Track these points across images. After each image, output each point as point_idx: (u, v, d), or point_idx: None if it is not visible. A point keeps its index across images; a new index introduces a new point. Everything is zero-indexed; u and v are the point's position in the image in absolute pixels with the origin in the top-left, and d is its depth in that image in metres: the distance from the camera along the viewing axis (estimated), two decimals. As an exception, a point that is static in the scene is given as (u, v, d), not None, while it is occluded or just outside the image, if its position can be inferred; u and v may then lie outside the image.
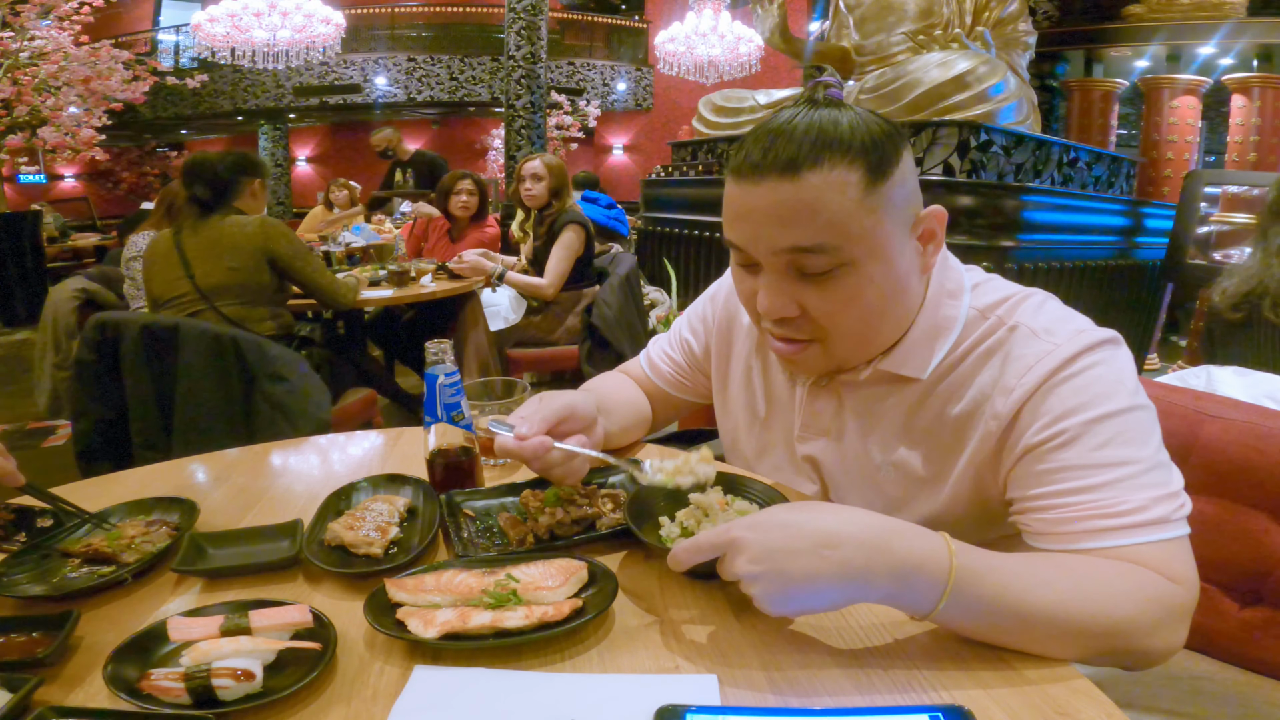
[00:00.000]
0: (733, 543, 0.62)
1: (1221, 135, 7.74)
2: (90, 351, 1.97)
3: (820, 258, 0.72)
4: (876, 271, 0.73)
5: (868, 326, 0.77)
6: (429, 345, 0.90)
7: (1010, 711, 0.55)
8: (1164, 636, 0.64)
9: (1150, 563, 0.65)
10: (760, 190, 0.71)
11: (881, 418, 0.84)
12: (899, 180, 0.73)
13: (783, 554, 0.60)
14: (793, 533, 0.61)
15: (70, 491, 0.95)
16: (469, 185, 3.61)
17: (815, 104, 0.75)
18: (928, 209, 0.78)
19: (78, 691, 0.58)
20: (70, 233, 8.53)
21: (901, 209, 0.74)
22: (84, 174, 15.41)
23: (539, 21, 7.63)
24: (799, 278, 0.74)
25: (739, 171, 0.73)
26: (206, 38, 7.81)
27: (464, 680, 0.60)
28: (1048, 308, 0.79)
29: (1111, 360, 0.73)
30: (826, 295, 0.74)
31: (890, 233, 0.73)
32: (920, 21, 4.01)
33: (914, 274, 0.78)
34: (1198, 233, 3.92)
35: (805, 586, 0.59)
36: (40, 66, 6.70)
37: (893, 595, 0.61)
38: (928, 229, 0.78)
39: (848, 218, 0.70)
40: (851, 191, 0.70)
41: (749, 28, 9.18)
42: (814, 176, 0.70)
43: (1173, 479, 0.70)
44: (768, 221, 0.72)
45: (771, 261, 0.74)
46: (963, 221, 3.34)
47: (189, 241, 2.21)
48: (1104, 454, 0.69)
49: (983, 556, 0.63)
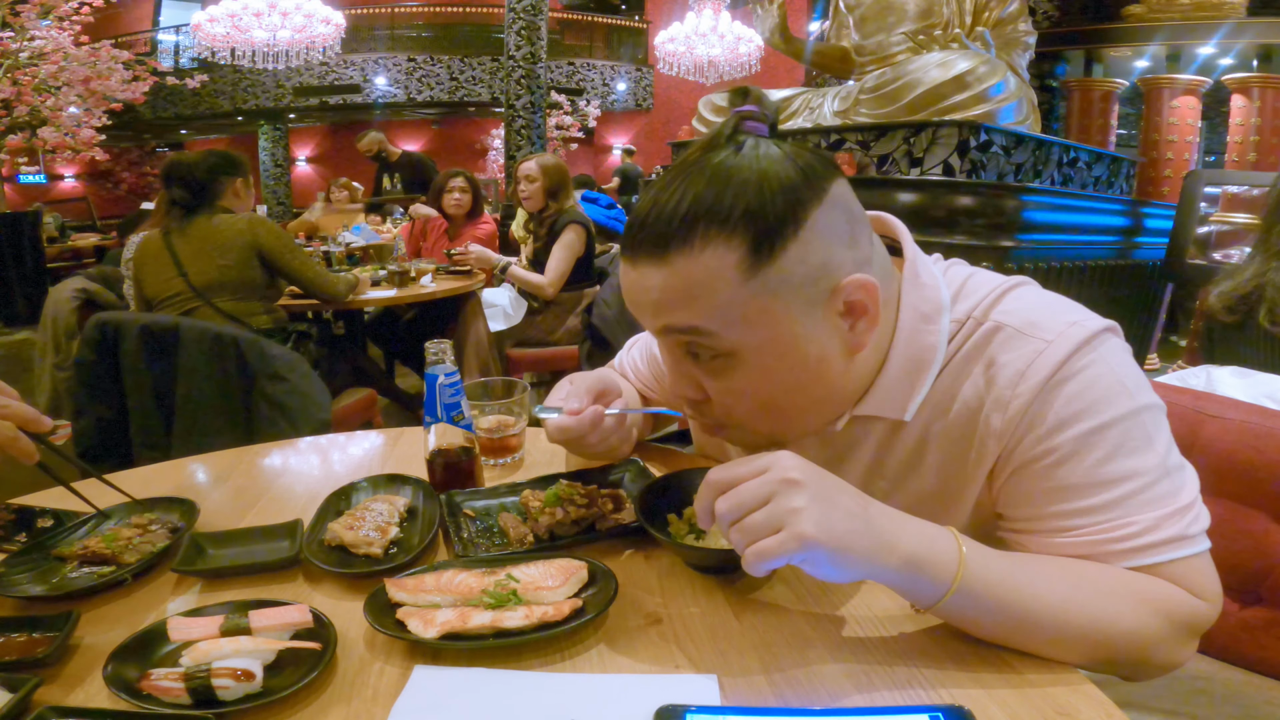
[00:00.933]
0: (783, 469, 0.57)
1: (1221, 135, 7.75)
2: (90, 351, 1.97)
3: (700, 338, 0.65)
4: (770, 363, 0.65)
5: (777, 416, 0.70)
6: (429, 345, 0.90)
7: (1010, 711, 0.55)
8: (1170, 650, 0.62)
9: (1169, 579, 0.63)
10: (635, 273, 0.66)
11: (869, 459, 0.77)
12: (799, 254, 0.62)
13: (834, 492, 0.58)
14: (837, 483, 0.59)
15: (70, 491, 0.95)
16: (460, 183, 3.63)
17: (726, 143, 0.65)
18: (849, 279, 0.65)
19: (78, 691, 0.58)
20: (70, 233, 8.53)
21: (803, 287, 0.63)
22: (84, 174, 15.42)
23: (539, 21, 7.63)
24: (693, 360, 0.68)
25: (621, 248, 0.68)
26: (206, 38, 7.81)
27: (464, 680, 0.60)
28: (1026, 298, 0.71)
29: (1109, 356, 0.66)
30: (719, 384, 0.68)
31: (787, 318, 0.64)
32: (920, 21, 4.01)
33: (835, 357, 0.67)
34: (1198, 233, 3.92)
35: (845, 532, 0.56)
36: (40, 66, 6.71)
37: (901, 580, 0.59)
38: (853, 301, 0.65)
39: (724, 305, 0.62)
40: (729, 274, 0.62)
41: (749, 28, 9.18)
42: (681, 260, 0.62)
43: (1184, 487, 0.65)
44: (643, 305, 0.67)
45: (661, 343, 0.70)
46: (963, 221, 3.34)
47: (179, 242, 2.23)
48: (1106, 470, 0.63)
49: (991, 553, 0.62)
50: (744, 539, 0.57)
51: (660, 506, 0.80)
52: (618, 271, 3.19)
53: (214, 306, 2.22)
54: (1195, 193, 3.92)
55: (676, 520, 0.79)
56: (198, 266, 2.21)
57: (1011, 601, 0.60)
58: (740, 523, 0.57)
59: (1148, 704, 0.92)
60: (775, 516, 0.56)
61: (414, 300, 3.09)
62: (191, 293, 2.21)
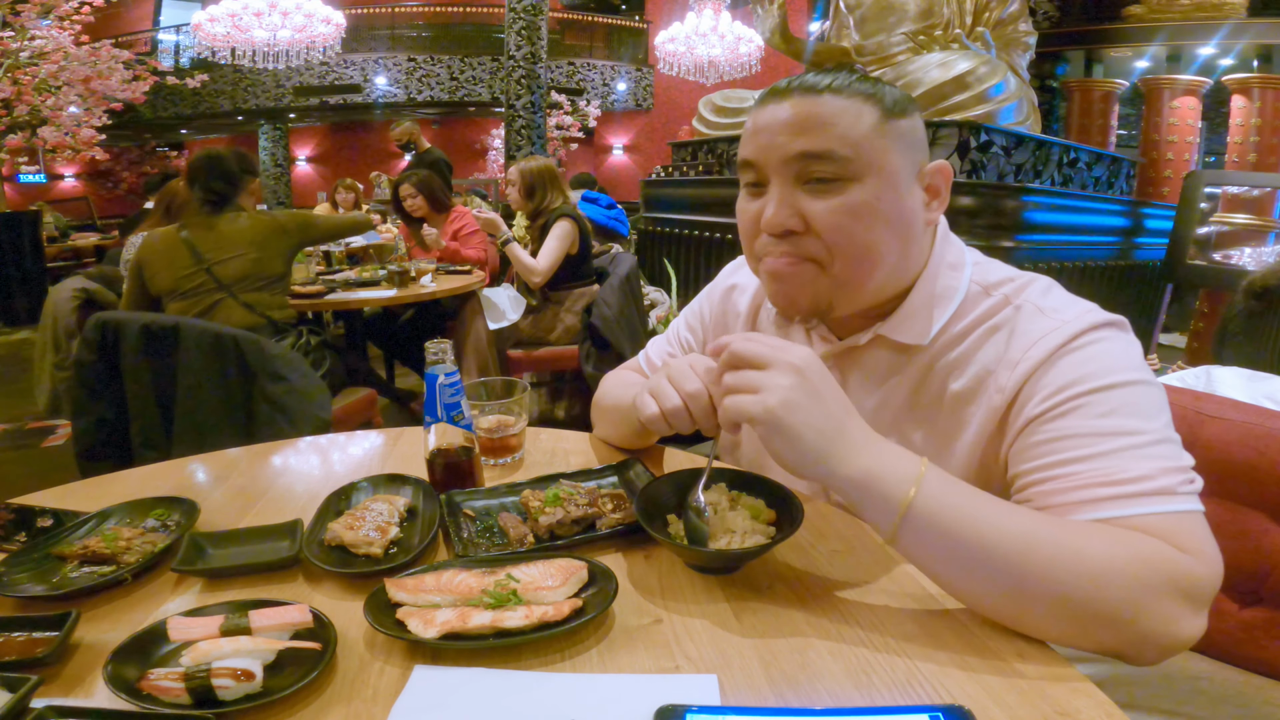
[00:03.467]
0: (793, 355, 0.67)
1: (1221, 135, 7.73)
2: (90, 351, 1.97)
3: (828, 164, 0.75)
4: (880, 194, 0.76)
5: (867, 253, 0.77)
6: (429, 345, 0.90)
7: (1010, 711, 0.55)
8: (1159, 612, 0.58)
9: (1156, 534, 0.61)
10: (783, 105, 0.77)
11: (883, 392, 0.85)
12: (910, 129, 0.78)
13: (822, 391, 0.66)
14: (835, 391, 0.67)
15: (70, 491, 0.95)
16: (407, 189, 3.66)
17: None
18: (934, 164, 0.81)
19: (78, 691, 0.58)
20: (70, 232, 8.53)
21: (910, 151, 0.78)
22: (84, 174, 15.42)
23: (539, 21, 7.63)
24: (806, 191, 0.77)
25: (767, 96, 0.80)
26: (207, 37, 7.81)
27: (464, 680, 0.60)
28: (1054, 291, 0.80)
29: (1119, 339, 0.73)
30: (831, 207, 0.76)
31: (898, 165, 0.76)
32: (920, 22, 4.01)
33: (917, 220, 0.79)
34: (1198, 233, 3.92)
35: (810, 423, 0.64)
36: (40, 66, 6.71)
37: (855, 491, 0.65)
38: (933, 184, 0.80)
39: (859, 136, 0.75)
40: (866, 118, 0.75)
41: (749, 28, 9.18)
42: (834, 99, 0.76)
43: (1183, 455, 0.67)
44: (784, 130, 0.77)
45: (781, 171, 0.78)
46: (963, 221, 3.34)
47: (201, 237, 2.28)
48: (1107, 423, 0.67)
49: (956, 482, 0.64)
50: (727, 391, 0.68)
51: (660, 506, 0.80)
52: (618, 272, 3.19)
53: (237, 299, 2.27)
54: (1195, 193, 3.93)
55: (676, 520, 0.79)
56: (223, 260, 2.27)
57: (969, 533, 0.61)
58: (733, 377, 0.68)
59: (1148, 704, 0.92)
60: (758, 383, 0.65)
61: (414, 300, 3.09)
62: (215, 285, 2.26)
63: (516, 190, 3.29)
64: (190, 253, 2.26)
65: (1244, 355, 1.29)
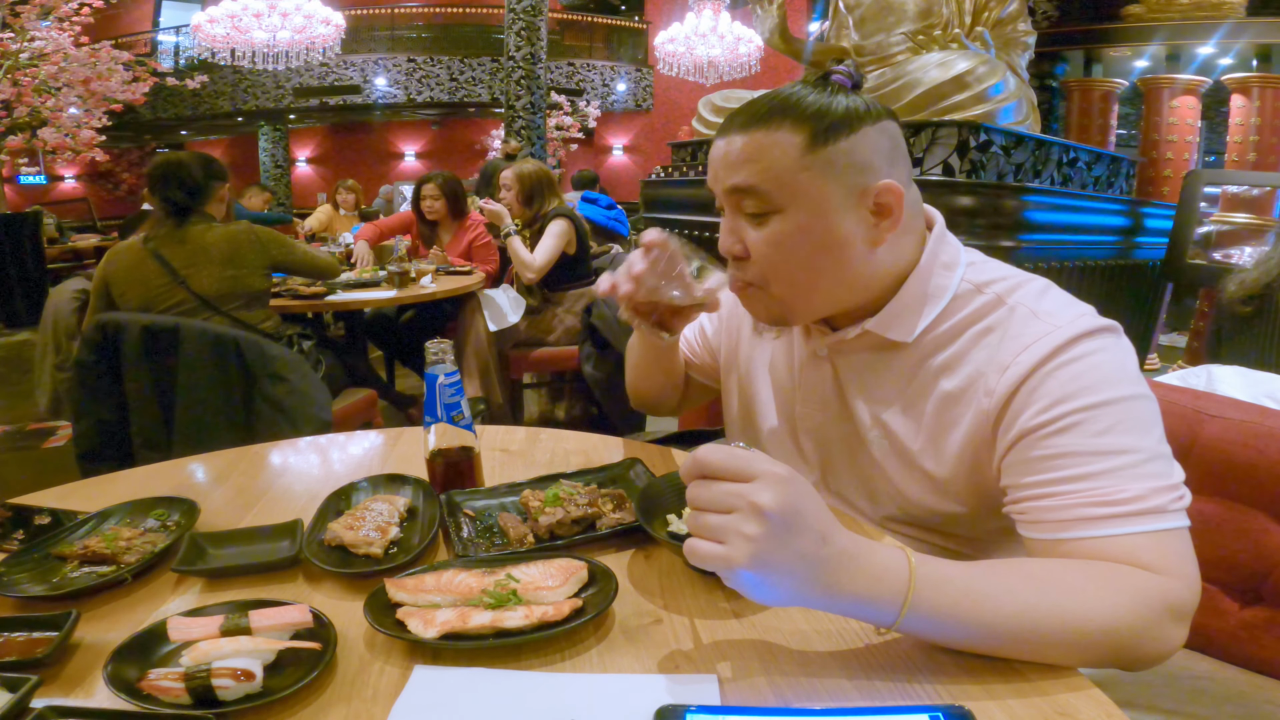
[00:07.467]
0: (759, 492, 0.56)
1: (1221, 135, 7.74)
2: (91, 352, 1.97)
3: (752, 198, 0.79)
4: (807, 223, 0.78)
5: (800, 276, 0.81)
6: (429, 345, 0.90)
7: (1010, 712, 0.55)
8: (1155, 636, 0.62)
9: (1144, 554, 0.64)
10: (721, 140, 0.83)
11: (872, 386, 0.86)
12: (846, 151, 0.77)
13: (793, 534, 0.56)
14: (804, 521, 0.57)
15: (70, 491, 0.95)
16: (431, 189, 3.63)
17: (816, 83, 0.81)
18: (882, 183, 0.78)
19: (78, 691, 0.58)
20: (70, 233, 8.53)
21: (847, 175, 0.78)
22: (84, 175, 15.43)
23: (539, 22, 7.64)
24: (746, 220, 0.81)
25: (719, 128, 0.84)
26: (206, 39, 7.82)
27: (464, 680, 0.60)
28: (1050, 293, 0.79)
29: (1113, 348, 0.73)
30: (762, 237, 0.80)
31: (828, 192, 0.77)
32: (920, 22, 4.01)
33: (855, 242, 0.79)
34: (1197, 233, 3.92)
35: (781, 575, 0.56)
36: (40, 67, 6.70)
37: (847, 613, 0.60)
38: (882, 203, 0.79)
39: (781, 170, 0.77)
40: (791, 151, 0.77)
41: (749, 28, 9.19)
42: (760, 134, 0.78)
43: (1174, 471, 0.69)
44: (721, 164, 0.82)
45: (725, 201, 0.83)
46: (963, 221, 3.34)
47: (172, 250, 2.15)
48: (1104, 441, 0.68)
49: (944, 566, 0.61)
50: (691, 528, 0.59)
51: (660, 506, 0.80)
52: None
53: (226, 315, 2.19)
54: (1195, 193, 3.93)
55: (676, 520, 0.79)
56: (198, 275, 2.16)
57: (972, 617, 0.59)
58: (697, 514, 0.58)
59: (1148, 704, 0.92)
60: (724, 530, 0.56)
61: (414, 300, 3.09)
62: (196, 301, 2.16)
63: (512, 194, 3.28)
64: (161, 267, 2.13)
65: (1238, 358, 1.29)
